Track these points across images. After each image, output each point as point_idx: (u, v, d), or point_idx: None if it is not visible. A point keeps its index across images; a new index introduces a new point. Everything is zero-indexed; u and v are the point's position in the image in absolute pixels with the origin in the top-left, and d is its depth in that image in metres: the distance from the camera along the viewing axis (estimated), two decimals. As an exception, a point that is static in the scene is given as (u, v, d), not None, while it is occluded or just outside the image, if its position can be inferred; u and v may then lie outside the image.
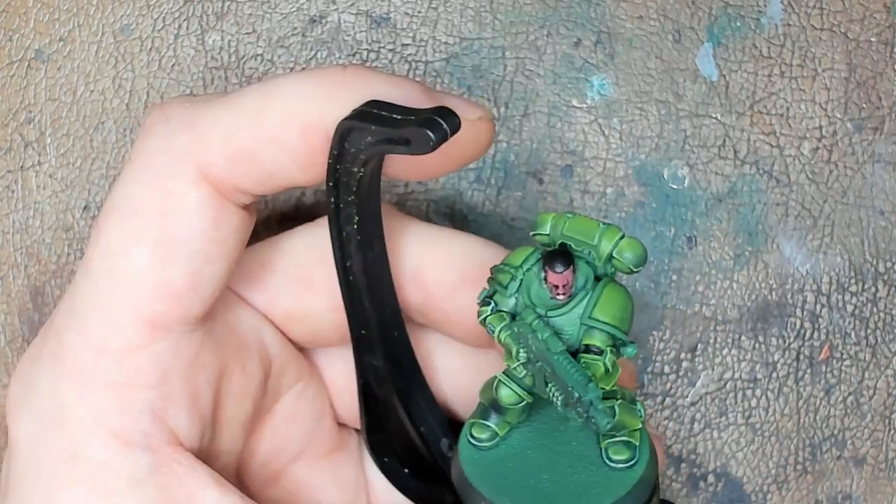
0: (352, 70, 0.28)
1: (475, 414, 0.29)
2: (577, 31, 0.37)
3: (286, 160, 0.28)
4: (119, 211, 0.28)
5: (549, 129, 0.37)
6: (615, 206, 0.38)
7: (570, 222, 0.27)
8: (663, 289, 0.38)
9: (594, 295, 0.27)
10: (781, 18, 0.37)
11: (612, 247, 0.26)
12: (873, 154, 0.38)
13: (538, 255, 0.27)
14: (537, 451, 0.28)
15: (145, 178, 0.28)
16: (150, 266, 0.27)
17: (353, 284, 0.30)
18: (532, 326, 0.26)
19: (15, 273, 0.38)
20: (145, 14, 0.37)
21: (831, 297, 0.38)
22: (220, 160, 0.28)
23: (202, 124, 0.28)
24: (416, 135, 0.26)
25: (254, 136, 0.28)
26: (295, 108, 0.28)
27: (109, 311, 0.28)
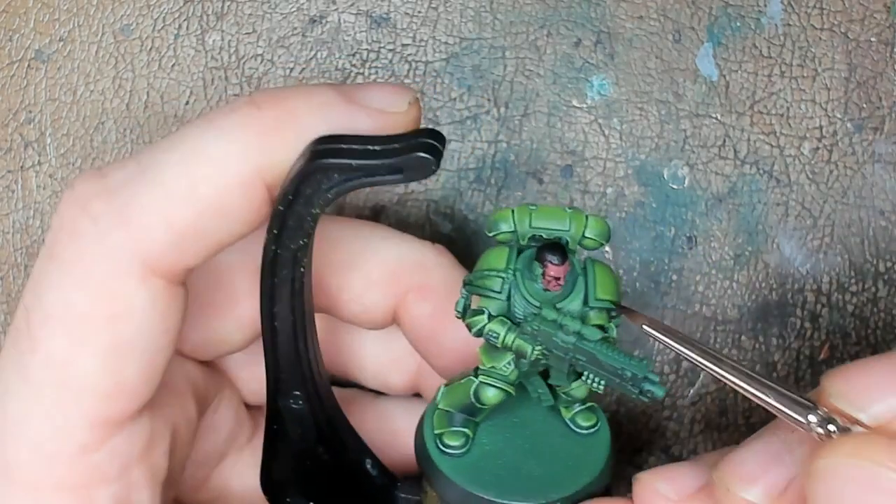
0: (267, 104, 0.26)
1: (440, 423, 0.29)
2: (577, 31, 0.37)
3: (231, 225, 0.27)
4: (59, 318, 0.26)
5: (549, 129, 0.37)
6: (615, 206, 0.38)
7: (535, 213, 0.27)
8: (663, 289, 0.38)
9: (589, 278, 0.27)
10: (781, 18, 0.37)
11: (582, 228, 0.27)
12: (873, 154, 0.38)
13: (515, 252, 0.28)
14: (510, 441, 0.29)
15: (86, 284, 0.26)
16: (103, 372, 0.26)
17: (276, 330, 0.29)
18: (556, 324, 0.27)
19: (15, 273, 0.38)
20: (145, 14, 0.37)
21: (831, 296, 0.38)
22: (164, 248, 0.26)
23: (136, 215, 0.26)
24: (411, 162, 0.25)
25: (195, 212, 0.26)
26: (230, 171, 0.26)
27: (59, 419, 0.26)
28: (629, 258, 0.38)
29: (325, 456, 0.31)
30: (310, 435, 0.31)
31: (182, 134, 0.27)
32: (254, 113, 0.26)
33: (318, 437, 0.31)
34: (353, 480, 0.32)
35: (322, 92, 0.27)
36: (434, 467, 0.29)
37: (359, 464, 0.32)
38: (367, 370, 0.35)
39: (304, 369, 0.29)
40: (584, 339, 0.26)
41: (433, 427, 0.29)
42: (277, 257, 0.27)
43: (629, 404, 0.38)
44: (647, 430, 0.38)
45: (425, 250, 0.32)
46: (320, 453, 0.31)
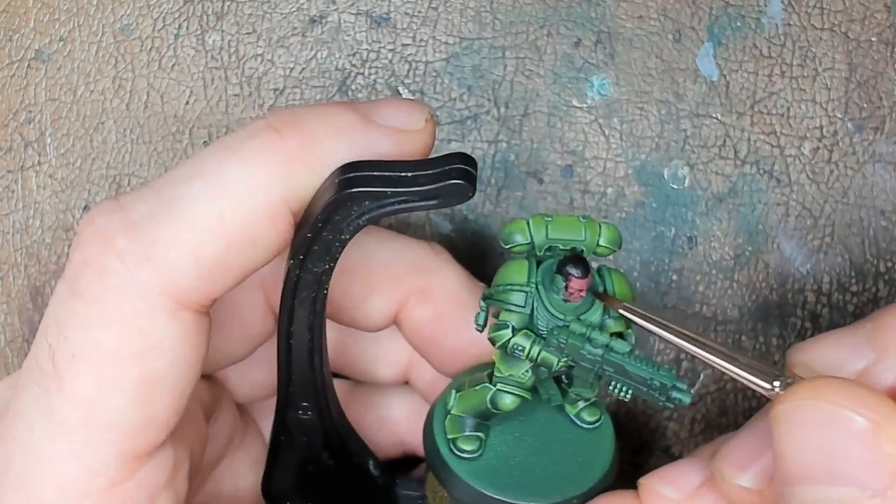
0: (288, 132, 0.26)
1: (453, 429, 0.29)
2: (578, 31, 0.37)
3: (259, 253, 0.27)
4: (86, 357, 0.26)
5: (549, 129, 0.37)
6: (615, 206, 0.38)
7: (551, 224, 0.27)
8: (663, 289, 0.38)
9: (607, 287, 0.28)
10: (782, 18, 0.37)
11: (596, 237, 0.28)
12: (874, 154, 0.38)
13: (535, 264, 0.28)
14: (520, 441, 0.30)
15: (114, 321, 0.26)
16: (133, 408, 0.26)
17: (292, 348, 0.29)
18: (583, 337, 0.27)
19: (15, 273, 0.38)
20: (145, 14, 0.37)
21: (832, 296, 0.38)
22: (193, 282, 0.26)
23: (162, 251, 0.26)
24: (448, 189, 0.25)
25: (224, 245, 0.26)
26: (257, 202, 0.26)
27: (87, 456, 0.26)
28: (629, 258, 0.38)
29: (329, 461, 0.32)
30: (316, 442, 0.31)
31: (201, 163, 0.26)
32: (274, 139, 0.26)
33: (325, 443, 0.31)
34: (356, 482, 0.32)
35: (340, 114, 0.27)
36: (450, 472, 0.29)
37: (362, 465, 0.32)
38: (355, 366, 0.35)
39: (317, 382, 0.30)
40: (612, 352, 0.27)
41: (446, 432, 0.29)
42: (300, 280, 0.27)
43: (629, 405, 0.38)
44: (647, 430, 0.38)
45: (423, 251, 0.32)
46: (324, 458, 0.32)
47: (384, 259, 0.32)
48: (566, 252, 0.27)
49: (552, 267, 0.27)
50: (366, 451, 0.33)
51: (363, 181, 0.26)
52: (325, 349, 0.30)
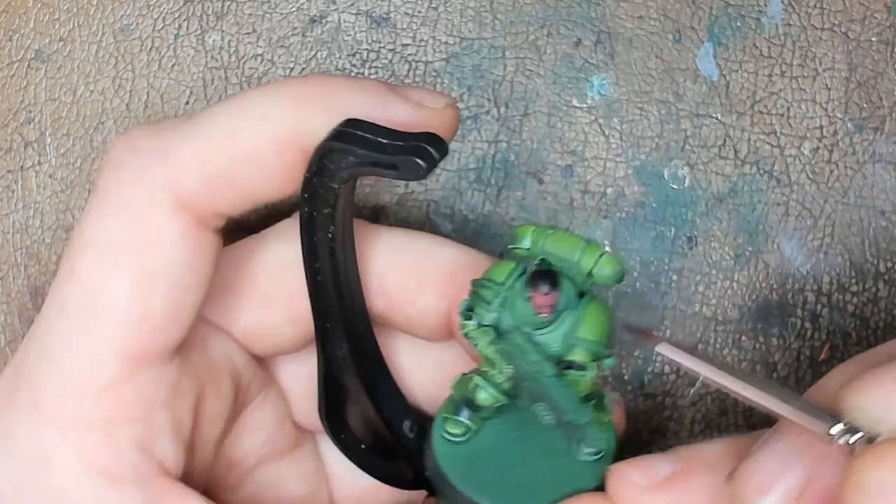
0: (314, 80, 0.28)
1: (447, 409, 0.29)
2: (577, 31, 0.37)
3: (263, 178, 0.28)
4: (94, 245, 0.27)
5: (549, 129, 0.37)
6: (615, 206, 0.38)
7: (550, 238, 0.27)
8: (663, 289, 0.38)
9: (578, 313, 0.27)
10: (782, 18, 0.37)
11: (592, 264, 0.27)
12: (874, 154, 0.38)
13: (520, 270, 0.28)
14: (509, 444, 0.29)
15: (121, 212, 0.27)
16: (131, 300, 0.27)
17: (320, 283, 0.30)
18: (521, 348, 0.27)
19: (15, 273, 0.38)
20: (145, 14, 0.37)
21: (832, 296, 0.38)
22: (196, 186, 0.27)
23: (174, 152, 0.27)
24: (405, 163, 0.26)
25: (229, 158, 0.27)
26: (267, 127, 0.28)
27: (89, 349, 0.27)
28: (629, 258, 0.38)
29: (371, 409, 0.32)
30: (355, 386, 0.32)
31: (234, 95, 0.29)
32: (299, 83, 0.28)
33: (365, 388, 0.32)
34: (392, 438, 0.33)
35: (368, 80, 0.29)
36: (430, 449, 0.29)
37: (397, 423, 0.33)
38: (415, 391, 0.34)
39: (348, 323, 0.31)
40: (538, 371, 0.26)
41: (442, 410, 0.30)
42: (312, 218, 0.29)
43: (629, 404, 0.38)
44: (647, 430, 0.38)
45: (480, 257, 0.32)
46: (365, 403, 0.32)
47: (441, 258, 0.32)
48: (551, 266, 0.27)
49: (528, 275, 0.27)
50: (404, 409, 0.33)
51: (345, 137, 0.27)
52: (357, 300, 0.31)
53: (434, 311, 0.32)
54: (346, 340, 0.31)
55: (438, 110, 0.28)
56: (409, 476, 0.33)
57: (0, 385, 0.29)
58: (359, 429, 0.33)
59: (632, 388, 0.38)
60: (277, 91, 0.28)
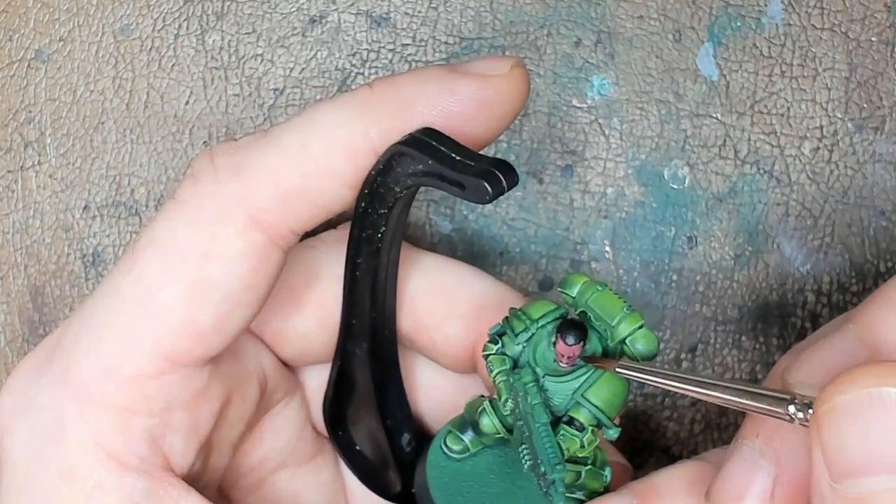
0: (379, 83, 0.28)
1: (455, 423, 0.30)
2: (577, 31, 0.37)
3: (336, 188, 0.28)
4: (160, 246, 0.28)
5: (549, 129, 0.37)
6: (615, 206, 0.38)
7: (597, 294, 0.27)
8: (663, 289, 0.38)
9: (595, 374, 0.27)
10: (782, 18, 0.37)
11: (627, 334, 0.27)
12: (874, 154, 0.38)
13: (556, 315, 0.28)
14: (500, 477, 0.29)
15: (193, 220, 0.28)
16: (182, 304, 0.28)
17: (357, 279, 0.30)
18: (525, 388, 0.27)
19: (15, 273, 0.38)
20: (145, 14, 0.37)
21: (832, 296, 0.38)
22: (271, 204, 0.28)
23: (249, 169, 0.28)
24: (473, 184, 0.27)
25: (302, 171, 0.28)
26: (337, 135, 0.28)
27: (130, 338, 0.28)
28: (629, 258, 0.38)
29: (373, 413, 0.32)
30: (365, 387, 0.32)
31: (307, 110, 0.29)
32: (366, 90, 0.28)
33: (376, 389, 0.32)
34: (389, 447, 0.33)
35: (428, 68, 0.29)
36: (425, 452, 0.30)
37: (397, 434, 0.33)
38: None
39: (375, 324, 0.31)
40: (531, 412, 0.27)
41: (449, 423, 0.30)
42: (366, 215, 0.29)
43: (629, 405, 0.38)
44: (647, 430, 0.38)
45: (512, 294, 0.33)
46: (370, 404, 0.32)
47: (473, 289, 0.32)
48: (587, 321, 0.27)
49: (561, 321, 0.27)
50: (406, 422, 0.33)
51: (418, 144, 0.27)
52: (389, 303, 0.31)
53: (459, 340, 0.32)
54: (367, 340, 0.31)
55: (504, 75, 0.28)
56: (395, 488, 0.33)
57: (36, 355, 0.29)
58: (358, 431, 0.33)
59: (632, 387, 0.38)
60: (345, 99, 0.28)
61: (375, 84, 0.29)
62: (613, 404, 0.27)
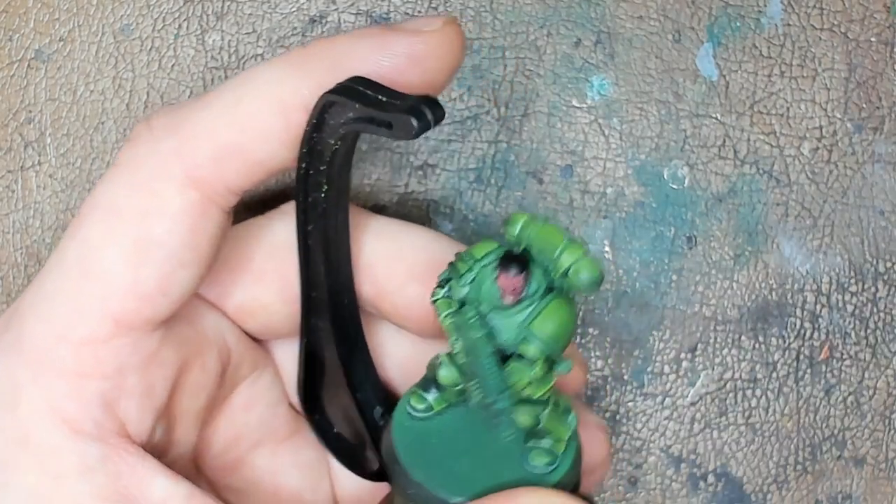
0: (315, 43, 0.29)
1: (418, 384, 0.30)
2: (577, 31, 0.37)
3: (271, 144, 0.28)
4: (100, 208, 0.28)
5: (549, 129, 0.37)
6: (615, 206, 0.38)
7: (538, 229, 0.27)
8: (663, 289, 0.38)
9: (538, 306, 0.27)
10: (781, 18, 0.37)
11: (570, 264, 0.26)
12: (873, 154, 0.38)
13: (499, 252, 0.28)
14: (466, 433, 0.29)
15: (130, 180, 0.28)
16: (124, 264, 0.28)
17: (310, 248, 0.30)
18: (469, 322, 0.27)
19: (15, 273, 0.38)
20: (145, 14, 0.37)
21: (831, 297, 0.38)
22: (207, 160, 0.28)
23: (186, 126, 0.28)
24: (399, 121, 0.27)
25: (237, 127, 0.28)
26: (270, 91, 0.28)
27: (77, 302, 0.28)
28: (629, 258, 0.38)
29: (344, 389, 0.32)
30: (333, 363, 0.32)
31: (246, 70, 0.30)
32: (301, 49, 0.29)
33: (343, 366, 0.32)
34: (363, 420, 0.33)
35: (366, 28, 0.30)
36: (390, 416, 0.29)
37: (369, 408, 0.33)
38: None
39: (333, 293, 0.31)
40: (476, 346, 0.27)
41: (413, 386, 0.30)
42: (308, 176, 0.29)
43: (629, 404, 0.38)
44: (647, 429, 0.38)
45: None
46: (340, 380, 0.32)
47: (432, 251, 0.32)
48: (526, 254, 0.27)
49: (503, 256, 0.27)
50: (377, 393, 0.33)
51: (346, 91, 0.27)
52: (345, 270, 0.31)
53: (421, 302, 0.32)
54: (329, 311, 0.31)
55: (436, 31, 0.28)
56: (373, 466, 0.33)
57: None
58: (334, 411, 0.33)
59: (631, 388, 0.38)
60: (280, 58, 0.29)
61: (311, 43, 0.29)
62: (559, 335, 0.27)
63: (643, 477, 0.38)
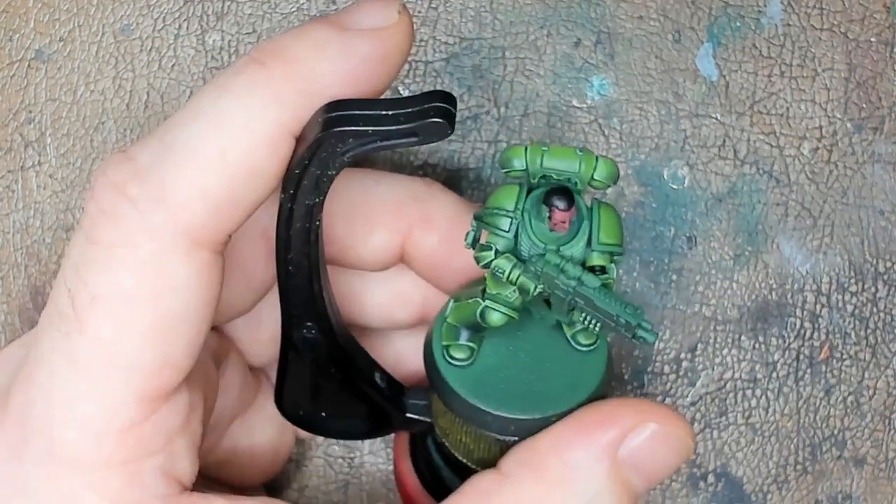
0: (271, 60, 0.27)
1: (447, 337, 0.30)
2: (577, 31, 0.37)
3: (263, 182, 0.28)
4: (106, 299, 0.27)
5: (549, 129, 0.37)
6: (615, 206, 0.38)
7: (547, 154, 0.28)
8: (663, 289, 0.38)
9: (594, 222, 0.28)
10: (781, 18, 0.37)
11: (592, 171, 0.28)
12: (873, 154, 0.38)
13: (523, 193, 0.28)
14: (513, 356, 0.31)
15: (131, 263, 0.27)
16: (150, 349, 0.27)
17: (291, 274, 0.30)
18: (560, 267, 0.28)
19: (15, 273, 0.38)
20: (145, 14, 0.37)
21: (831, 297, 0.38)
22: (204, 219, 0.27)
23: (171, 192, 0.27)
24: (426, 128, 0.26)
25: (228, 179, 0.27)
26: (254, 133, 0.27)
27: (107, 397, 0.27)
28: (629, 258, 0.38)
29: (337, 375, 0.33)
30: (322, 358, 0.32)
31: (197, 104, 0.27)
32: (261, 71, 0.27)
33: (331, 359, 0.32)
34: (364, 393, 0.33)
35: (316, 30, 0.28)
36: (440, 377, 0.30)
37: (369, 378, 0.33)
38: (372, 314, 0.35)
39: (318, 307, 0.31)
40: (583, 285, 0.27)
41: (441, 339, 0.31)
42: (293, 212, 0.29)
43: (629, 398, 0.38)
44: (646, 429, 0.38)
45: (416, 185, 0.33)
46: (332, 373, 0.33)
47: (382, 195, 0.33)
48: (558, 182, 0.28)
49: (540, 196, 0.28)
50: (373, 365, 0.33)
51: (345, 120, 0.27)
52: (325, 279, 0.31)
53: (385, 247, 0.33)
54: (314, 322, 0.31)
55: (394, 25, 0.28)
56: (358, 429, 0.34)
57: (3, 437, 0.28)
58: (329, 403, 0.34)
59: (632, 387, 0.38)
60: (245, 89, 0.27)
61: (264, 58, 0.27)
62: (619, 234, 0.29)
63: (643, 477, 0.38)
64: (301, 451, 0.40)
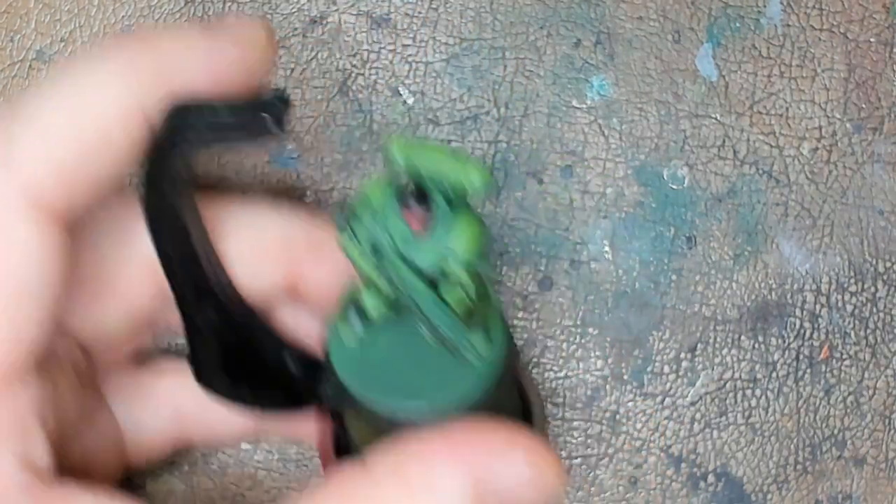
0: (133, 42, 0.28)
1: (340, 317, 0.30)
2: (577, 32, 0.37)
3: (113, 157, 0.27)
4: None
5: (549, 129, 0.38)
6: (615, 206, 0.38)
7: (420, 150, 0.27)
8: (663, 289, 0.38)
9: (449, 226, 0.27)
10: (781, 19, 0.37)
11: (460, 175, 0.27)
12: (873, 154, 0.38)
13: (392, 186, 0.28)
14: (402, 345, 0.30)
15: None
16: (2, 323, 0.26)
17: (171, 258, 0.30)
18: (394, 266, 0.27)
19: (16, 273, 0.38)
20: (146, 15, 0.37)
21: (831, 297, 0.38)
22: (49, 184, 0.26)
23: (17, 156, 0.26)
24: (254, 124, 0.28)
25: (76, 147, 0.27)
26: (107, 106, 0.27)
27: None
28: (629, 258, 0.38)
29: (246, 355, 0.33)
30: (226, 337, 0.32)
31: (53, 77, 0.27)
32: (123, 51, 0.27)
33: (235, 338, 0.32)
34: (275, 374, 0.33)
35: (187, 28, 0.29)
36: (327, 355, 0.30)
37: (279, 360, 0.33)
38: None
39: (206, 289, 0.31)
40: (414, 290, 0.27)
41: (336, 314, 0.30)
42: (155, 208, 0.29)
43: (628, 404, 0.38)
44: (647, 429, 0.38)
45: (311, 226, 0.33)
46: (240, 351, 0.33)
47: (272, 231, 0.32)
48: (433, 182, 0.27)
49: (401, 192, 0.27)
50: (280, 345, 0.33)
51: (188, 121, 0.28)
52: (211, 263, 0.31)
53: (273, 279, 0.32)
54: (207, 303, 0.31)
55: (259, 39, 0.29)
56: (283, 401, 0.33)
57: None
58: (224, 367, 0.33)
59: (631, 387, 0.38)
60: (104, 65, 0.27)
61: (129, 41, 0.28)
62: (475, 244, 0.27)
63: (643, 477, 0.38)
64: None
